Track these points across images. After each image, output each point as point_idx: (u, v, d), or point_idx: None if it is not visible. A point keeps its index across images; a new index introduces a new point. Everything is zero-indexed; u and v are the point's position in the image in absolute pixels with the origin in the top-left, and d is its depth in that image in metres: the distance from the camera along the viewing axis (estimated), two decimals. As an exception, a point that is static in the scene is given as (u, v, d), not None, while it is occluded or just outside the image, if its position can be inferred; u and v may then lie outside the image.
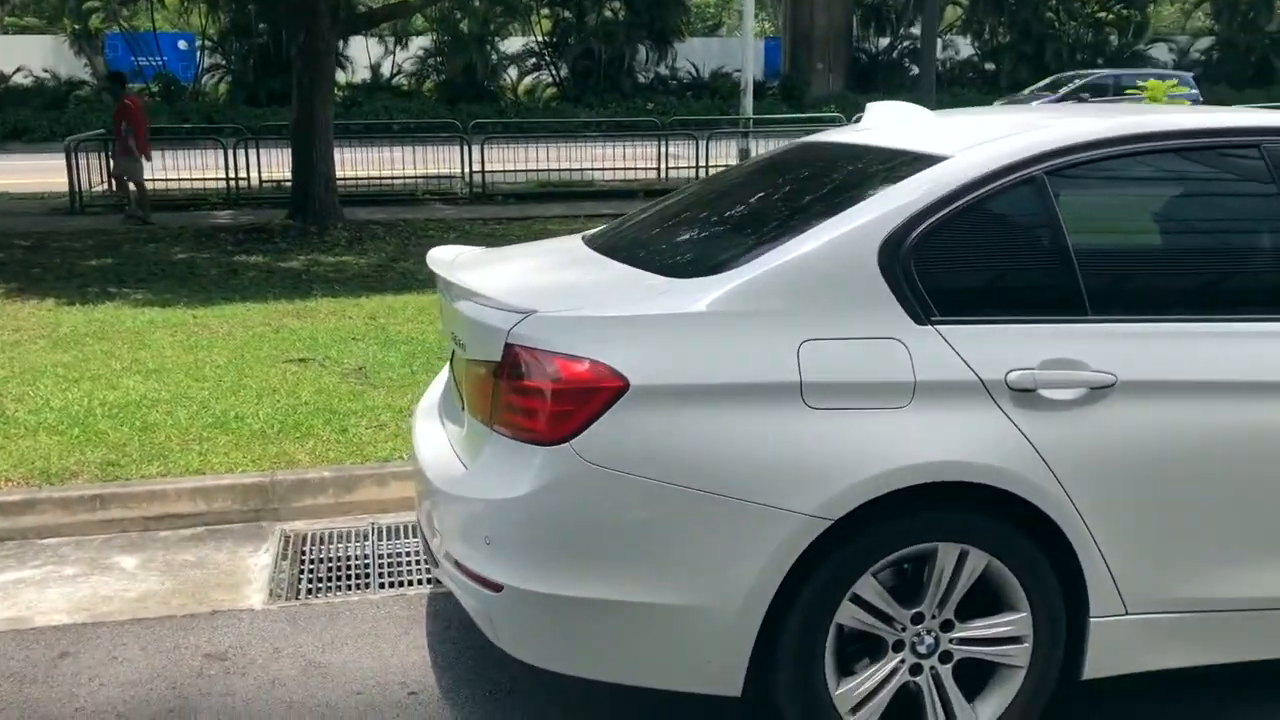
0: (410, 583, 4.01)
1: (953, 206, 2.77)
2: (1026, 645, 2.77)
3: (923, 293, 2.71)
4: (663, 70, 31.36)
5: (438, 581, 3.96)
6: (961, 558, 2.70)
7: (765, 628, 2.63)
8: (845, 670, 2.74)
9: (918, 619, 2.74)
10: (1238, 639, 2.89)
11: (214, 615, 3.76)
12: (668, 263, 3.04)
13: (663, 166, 18.28)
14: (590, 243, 3.49)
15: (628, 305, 2.72)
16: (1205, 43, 35.18)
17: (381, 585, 4.00)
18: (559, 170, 17.78)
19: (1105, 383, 2.70)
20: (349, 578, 4.07)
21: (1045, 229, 2.83)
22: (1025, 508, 2.69)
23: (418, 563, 4.16)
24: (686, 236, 3.34)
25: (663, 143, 18.42)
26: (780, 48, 34.07)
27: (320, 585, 4.00)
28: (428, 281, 9.70)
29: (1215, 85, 29.62)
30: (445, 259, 3.39)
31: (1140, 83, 12.54)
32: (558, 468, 2.61)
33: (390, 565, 4.15)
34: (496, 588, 2.70)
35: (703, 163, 17.66)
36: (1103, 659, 2.82)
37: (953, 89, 30.30)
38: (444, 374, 3.87)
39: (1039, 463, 2.66)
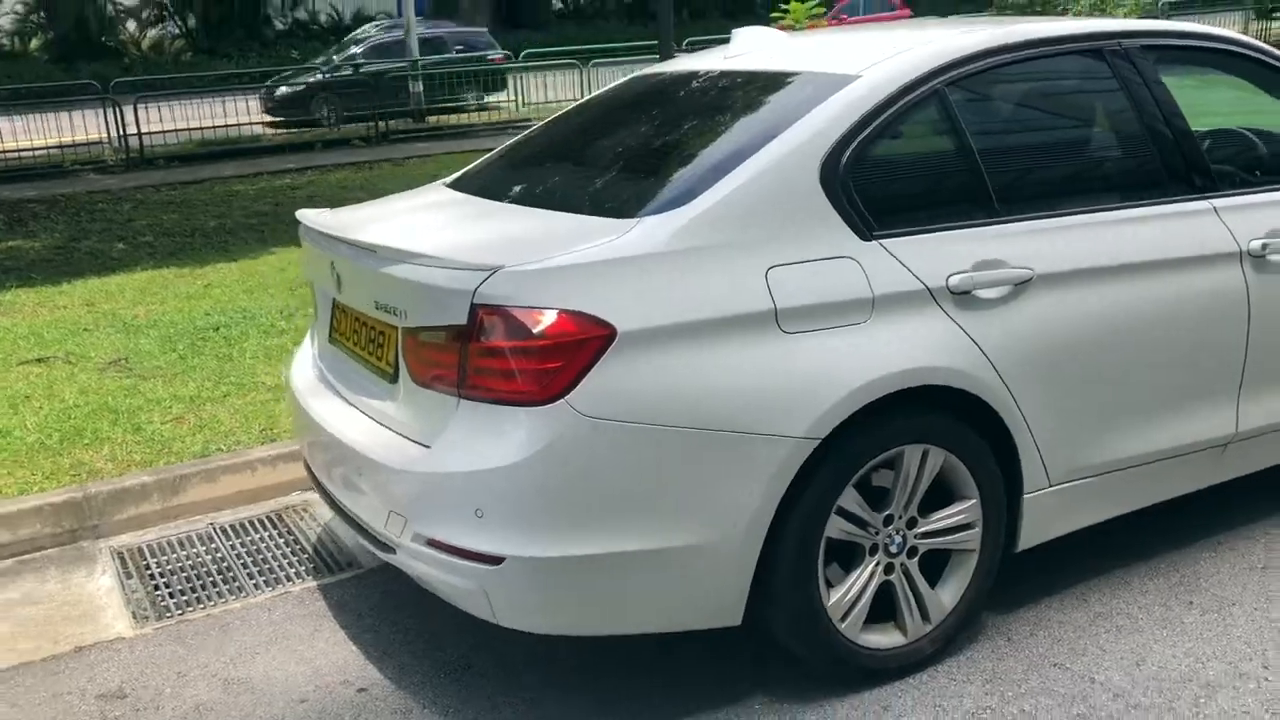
0: (288, 578, 3.70)
1: (875, 124, 2.88)
2: (977, 529, 2.98)
3: (863, 210, 2.81)
4: (301, 15, 29.77)
5: (317, 572, 3.70)
6: (924, 457, 2.86)
7: (763, 553, 2.68)
8: (829, 581, 2.84)
9: (888, 521, 2.88)
10: (1133, 491, 3.26)
11: (81, 652, 3.31)
12: (604, 203, 2.94)
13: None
14: (473, 189, 3.33)
15: (591, 250, 2.62)
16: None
17: (257, 587, 3.67)
18: (220, 127, 16.56)
19: (1025, 278, 2.93)
20: (214, 585, 3.70)
21: (953, 137, 3.01)
22: (971, 401, 2.88)
23: (286, 557, 3.84)
24: (603, 175, 3.23)
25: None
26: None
27: (187, 599, 3.61)
28: (124, 260, 8.91)
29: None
30: (334, 222, 3.10)
31: (784, 5, 13.44)
32: (555, 426, 2.50)
33: (257, 564, 3.81)
34: (496, 560, 2.56)
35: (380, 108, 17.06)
36: (1033, 530, 3.10)
37: (596, 21, 30.79)
38: (308, 348, 3.58)
39: (982, 358, 2.86)
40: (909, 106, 2.95)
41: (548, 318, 2.51)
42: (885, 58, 3.04)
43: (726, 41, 3.67)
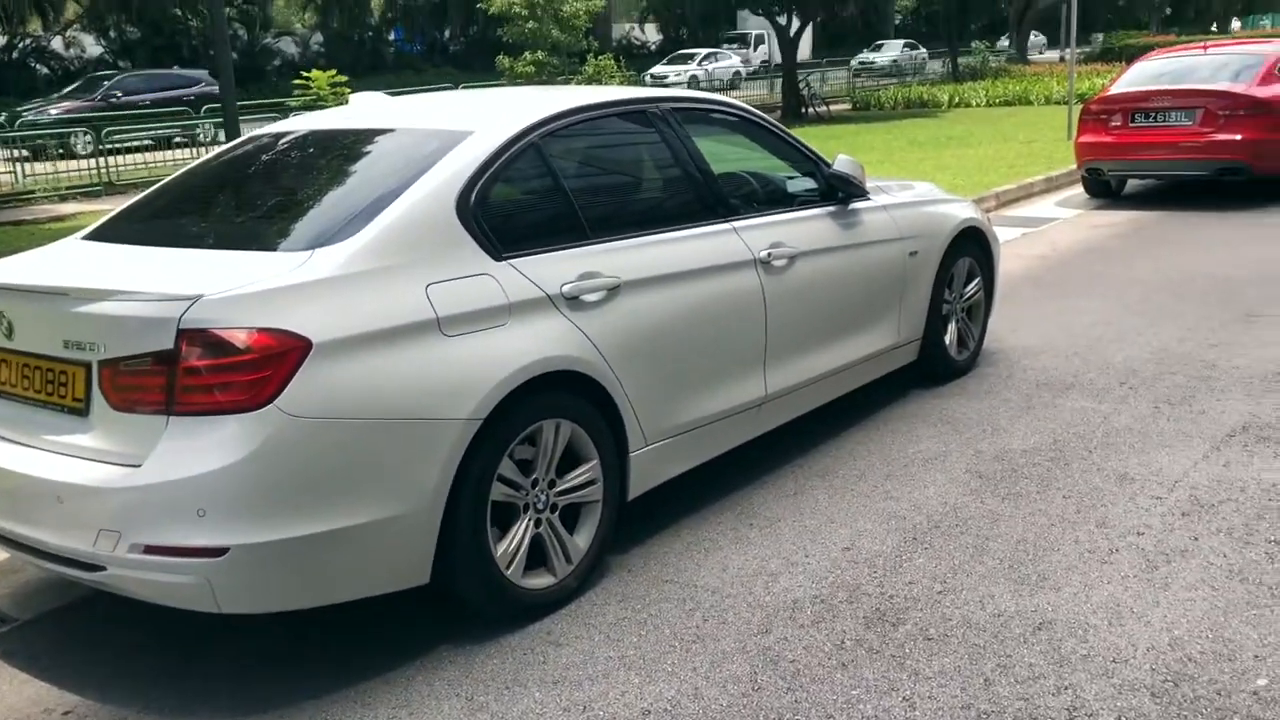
0: (-63, 642, 3.67)
1: (491, 170, 3.61)
2: (599, 484, 3.76)
3: (493, 237, 3.52)
4: None
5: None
6: (557, 429, 3.59)
7: (444, 519, 3.26)
8: (495, 538, 3.47)
9: (535, 484, 3.57)
10: (704, 445, 4.23)
11: None
12: (272, 241, 3.39)
13: None
14: (127, 240, 3.62)
15: (278, 278, 3.08)
16: (320, 36, 38.24)
17: (-96, 656, 3.60)
18: None
19: (615, 284, 3.78)
20: None
21: (550, 179, 3.81)
22: (586, 382, 3.67)
23: (-74, 624, 3.77)
24: (263, 218, 3.65)
25: None
26: None
27: None
28: None
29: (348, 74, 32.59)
30: (3, 273, 3.26)
31: (305, 74, 14.10)
32: (267, 428, 2.93)
33: (-106, 636, 3.71)
34: (220, 552, 2.92)
35: None
36: (638, 481, 3.95)
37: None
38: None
39: (592, 348, 3.66)
40: (515, 156, 3.71)
41: (251, 336, 2.94)
42: (490, 117, 3.78)
43: (275, 113, 4.23)
